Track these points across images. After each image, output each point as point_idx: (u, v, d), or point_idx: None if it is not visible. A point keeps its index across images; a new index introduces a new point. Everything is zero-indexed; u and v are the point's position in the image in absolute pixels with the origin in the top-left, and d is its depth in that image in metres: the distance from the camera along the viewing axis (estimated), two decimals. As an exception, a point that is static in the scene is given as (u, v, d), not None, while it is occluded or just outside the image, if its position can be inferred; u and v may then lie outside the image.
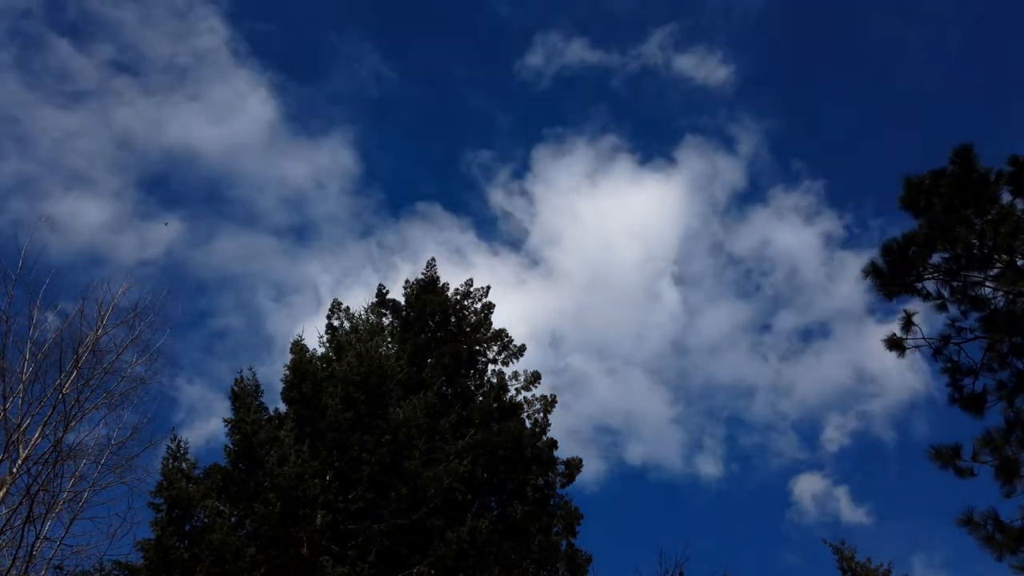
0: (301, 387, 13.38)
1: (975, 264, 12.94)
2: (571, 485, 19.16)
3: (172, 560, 10.49)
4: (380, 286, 21.39)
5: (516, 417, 18.66)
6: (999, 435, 12.05)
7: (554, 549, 16.65)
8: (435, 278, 21.68)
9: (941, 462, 12.14)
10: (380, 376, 14.01)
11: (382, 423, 13.51)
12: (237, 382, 13.20)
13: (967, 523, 11.65)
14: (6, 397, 13.12)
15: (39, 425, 13.33)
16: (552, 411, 19.71)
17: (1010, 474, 11.84)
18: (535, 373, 20.33)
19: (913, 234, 13.31)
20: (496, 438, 17.33)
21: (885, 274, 13.44)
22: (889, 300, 13.43)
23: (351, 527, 12.59)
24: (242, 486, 11.77)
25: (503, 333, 20.88)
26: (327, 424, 12.91)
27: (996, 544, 11.35)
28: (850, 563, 23.20)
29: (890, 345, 13.32)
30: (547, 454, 18.62)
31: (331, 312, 19.96)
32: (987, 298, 12.93)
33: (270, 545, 11.30)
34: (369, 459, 12.87)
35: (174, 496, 10.89)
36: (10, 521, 12.69)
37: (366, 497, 12.72)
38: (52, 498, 13.07)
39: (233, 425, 12.37)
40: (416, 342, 19.06)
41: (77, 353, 14.01)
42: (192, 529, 11.19)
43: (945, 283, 13.24)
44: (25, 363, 13.62)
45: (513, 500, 17.40)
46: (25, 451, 13.02)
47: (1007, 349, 12.61)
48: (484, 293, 21.82)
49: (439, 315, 20.25)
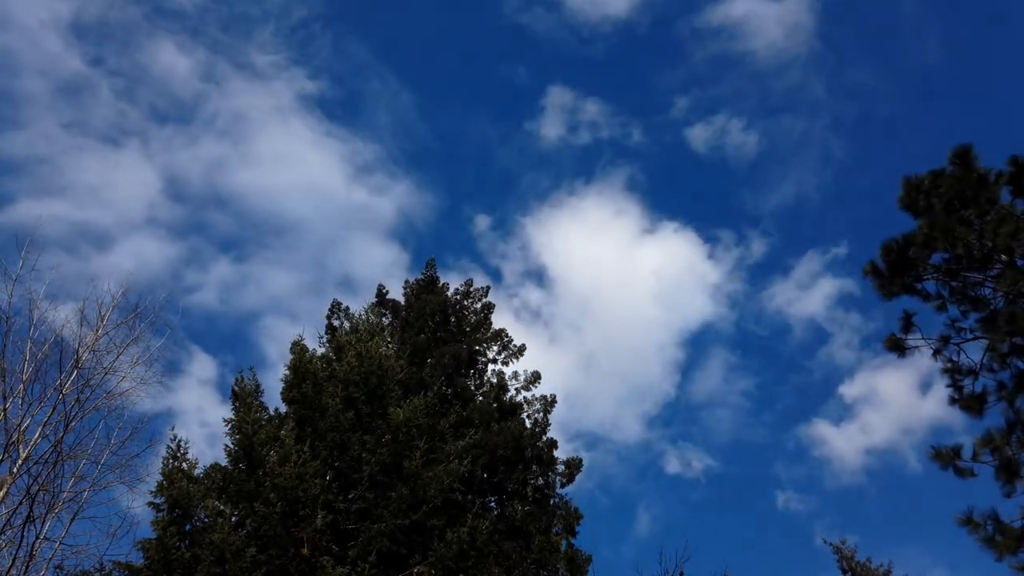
0: (301, 387, 13.37)
1: (975, 264, 12.95)
2: (571, 485, 19.19)
3: (173, 560, 10.48)
4: (380, 286, 21.39)
5: (516, 417, 18.65)
6: (999, 435, 12.07)
7: (554, 549, 16.65)
8: (435, 278, 21.68)
9: (941, 462, 12.15)
10: (380, 376, 14.01)
11: (382, 423, 13.51)
12: (237, 382, 13.20)
13: (967, 523, 11.66)
14: (6, 397, 13.14)
15: (39, 425, 13.37)
16: (552, 411, 19.73)
17: (1010, 474, 11.85)
18: (535, 373, 20.32)
19: (912, 234, 13.31)
20: (496, 438, 17.33)
21: (884, 274, 13.45)
22: (888, 300, 13.45)
23: (351, 527, 12.58)
24: (242, 486, 11.76)
25: (503, 333, 20.87)
26: (328, 424, 12.91)
27: (996, 545, 11.36)
28: (850, 563, 23.21)
29: (890, 346, 13.33)
30: (547, 454, 18.62)
31: (331, 312, 19.98)
32: (987, 298, 12.94)
33: (271, 545, 11.30)
34: (369, 459, 12.87)
35: (175, 496, 10.88)
36: (10, 521, 12.71)
37: (366, 497, 12.72)
38: (52, 498, 13.10)
39: (234, 425, 12.37)
40: (416, 342, 19.06)
41: (77, 353, 14.04)
42: (193, 529, 11.19)
43: (945, 283, 13.25)
44: (25, 363, 13.65)
45: (513, 500, 17.39)
46: (25, 451, 13.03)
47: (1007, 349, 12.62)
48: (484, 293, 21.83)
49: (439, 315, 20.24)
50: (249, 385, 13.16)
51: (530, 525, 16.80)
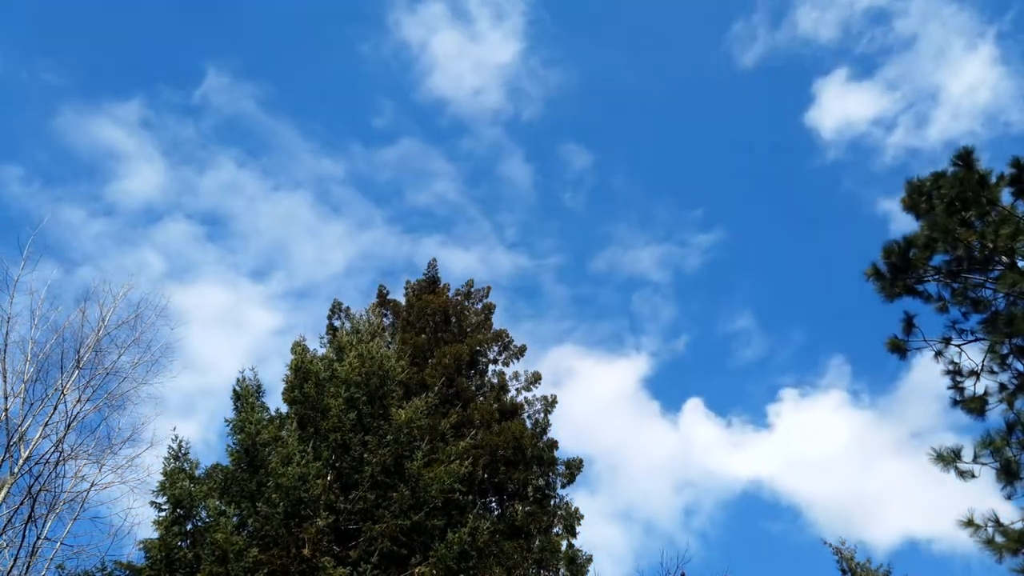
0: (303, 387, 13.36)
1: (976, 266, 12.96)
2: (571, 485, 19.18)
3: (176, 559, 10.47)
4: (381, 287, 21.41)
5: (517, 417, 18.66)
6: (1000, 437, 12.07)
7: (555, 549, 16.65)
8: (436, 279, 21.68)
9: (942, 464, 12.15)
10: (381, 377, 14.01)
11: (384, 424, 13.51)
12: (239, 381, 13.19)
13: (968, 525, 11.65)
14: (8, 397, 13.13)
15: (40, 425, 13.37)
16: (552, 411, 19.74)
17: (1011, 476, 11.85)
18: (535, 373, 20.33)
19: (914, 236, 13.33)
20: (497, 438, 17.34)
21: (886, 276, 13.47)
22: (891, 302, 13.46)
23: (352, 528, 12.58)
24: (244, 486, 11.76)
25: (503, 333, 20.88)
26: (330, 425, 12.90)
27: (997, 546, 11.35)
28: (850, 563, 23.22)
29: (891, 348, 13.34)
30: (548, 454, 18.62)
31: (332, 312, 19.99)
32: (987, 300, 12.96)
33: (272, 545, 11.29)
34: (370, 460, 12.86)
35: (177, 495, 10.87)
36: (11, 521, 12.71)
37: (367, 498, 12.71)
38: (53, 498, 13.10)
39: (235, 425, 12.36)
40: (417, 343, 19.07)
41: (79, 354, 14.04)
42: (194, 529, 11.18)
43: (946, 285, 13.26)
44: (27, 363, 13.64)
45: (514, 500, 17.40)
46: (26, 451, 13.03)
47: (1007, 350, 12.63)
48: (485, 294, 21.84)
49: (440, 315, 20.24)
50: (251, 385, 13.16)
51: (531, 525, 16.81)
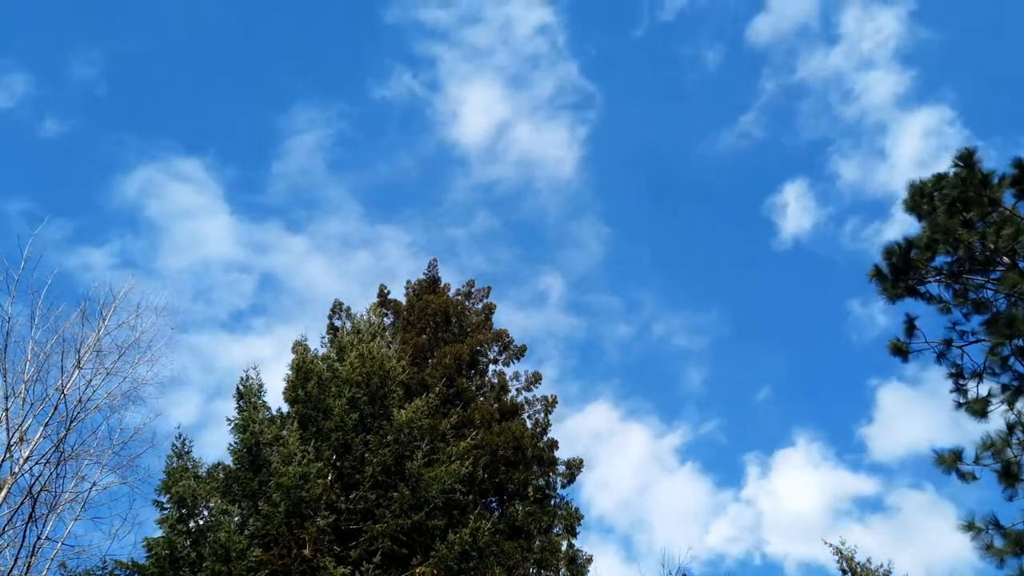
0: (305, 387, 13.36)
1: (977, 266, 12.96)
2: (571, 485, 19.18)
3: (179, 558, 10.47)
4: (381, 287, 21.38)
5: (517, 418, 18.65)
6: (1000, 438, 12.07)
7: (555, 549, 16.65)
8: (436, 279, 21.67)
9: (944, 466, 12.15)
10: (382, 377, 14.01)
11: (385, 424, 13.51)
12: (242, 381, 13.19)
13: (969, 529, 11.64)
14: (8, 397, 13.12)
15: (41, 425, 13.34)
16: (553, 411, 19.73)
17: (1011, 478, 11.85)
18: (536, 374, 20.33)
19: (915, 237, 13.33)
20: (497, 439, 17.33)
21: (888, 277, 13.46)
22: (893, 303, 13.45)
23: (353, 527, 12.58)
24: (246, 485, 11.76)
25: (504, 334, 20.87)
26: (332, 424, 12.90)
27: (997, 551, 11.33)
28: (850, 563, 23.19)
29: (893, 350, 13.33)
30: (548, 454, 18.62)
31: (332, 312, 19.98)
32: (989, 301, 12.95)
33: (274, 545, 11.29)
34: (371, 460, 12.86)
35: (180, 493, 10.86)
36: (12, 521, 12.69)
37: (368, 498, 12.72)
38: (54, 498, 13.07)
39: (238, 424, 12.36)
40: (417, 343, 19.06)
41: (79, 354, 14.02)
42: (196, 527, 11.18)
43: (947, 286, 13.26)
44: (27, 363, 13.62)
45: (514, 500, 17.39)
46: (27, 451, 13.01)
47: (1008, 352, 12.63)
48: (485, 294, 21.82)
49: (440, 316, 20.23)
50: (253, 384, 13.15)
51: (531, 525, 16.81)
